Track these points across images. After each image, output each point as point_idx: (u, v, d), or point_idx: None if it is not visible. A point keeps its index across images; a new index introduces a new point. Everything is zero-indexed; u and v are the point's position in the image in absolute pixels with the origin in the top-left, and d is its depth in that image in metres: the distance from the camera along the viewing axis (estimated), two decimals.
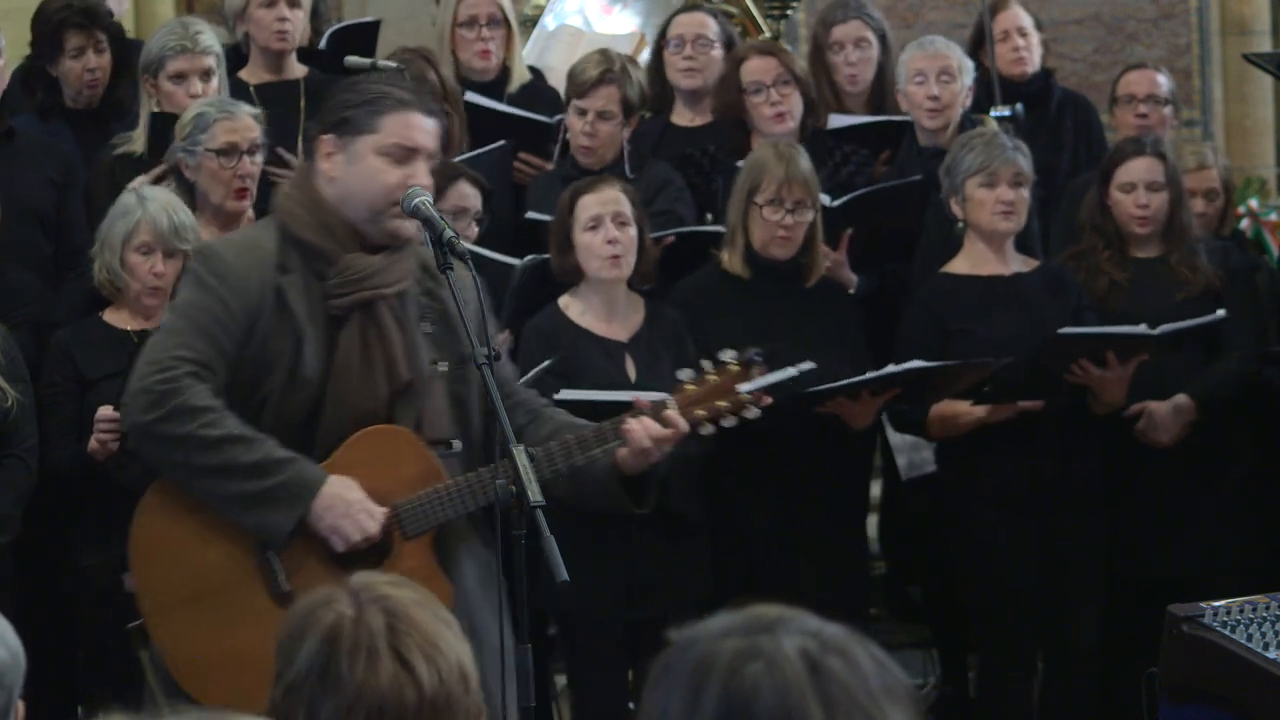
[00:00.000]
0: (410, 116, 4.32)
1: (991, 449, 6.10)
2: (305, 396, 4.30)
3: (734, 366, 4.43)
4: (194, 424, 4.23)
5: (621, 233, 5.73)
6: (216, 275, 4.32)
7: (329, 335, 4.31)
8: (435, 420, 4.37)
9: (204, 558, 4.33)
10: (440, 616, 2.55)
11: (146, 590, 4.39)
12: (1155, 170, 6.33)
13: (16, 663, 2.55)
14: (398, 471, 4.31)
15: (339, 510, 4.25)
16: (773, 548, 6.00)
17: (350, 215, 4.33)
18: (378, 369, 4.31)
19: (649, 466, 4.42)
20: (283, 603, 4.28)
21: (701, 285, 6.09)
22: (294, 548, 4.30)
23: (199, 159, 5.77)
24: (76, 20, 6.45)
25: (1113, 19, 10.28)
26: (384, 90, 4.35)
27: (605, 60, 6.45)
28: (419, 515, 4.31)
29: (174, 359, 4.26)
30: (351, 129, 4.32)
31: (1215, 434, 6.24)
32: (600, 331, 5.79)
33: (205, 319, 4.29)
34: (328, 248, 4.32)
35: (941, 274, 6.26)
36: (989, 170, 6.13)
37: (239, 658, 4.23)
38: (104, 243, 5.63)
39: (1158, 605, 4.73)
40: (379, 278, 4.31)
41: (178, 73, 6.14)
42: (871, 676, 1.99)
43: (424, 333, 4.38)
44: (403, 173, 4.30)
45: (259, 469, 4.23)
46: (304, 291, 4.31)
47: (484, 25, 6.92)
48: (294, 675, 2.50)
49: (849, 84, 7.09)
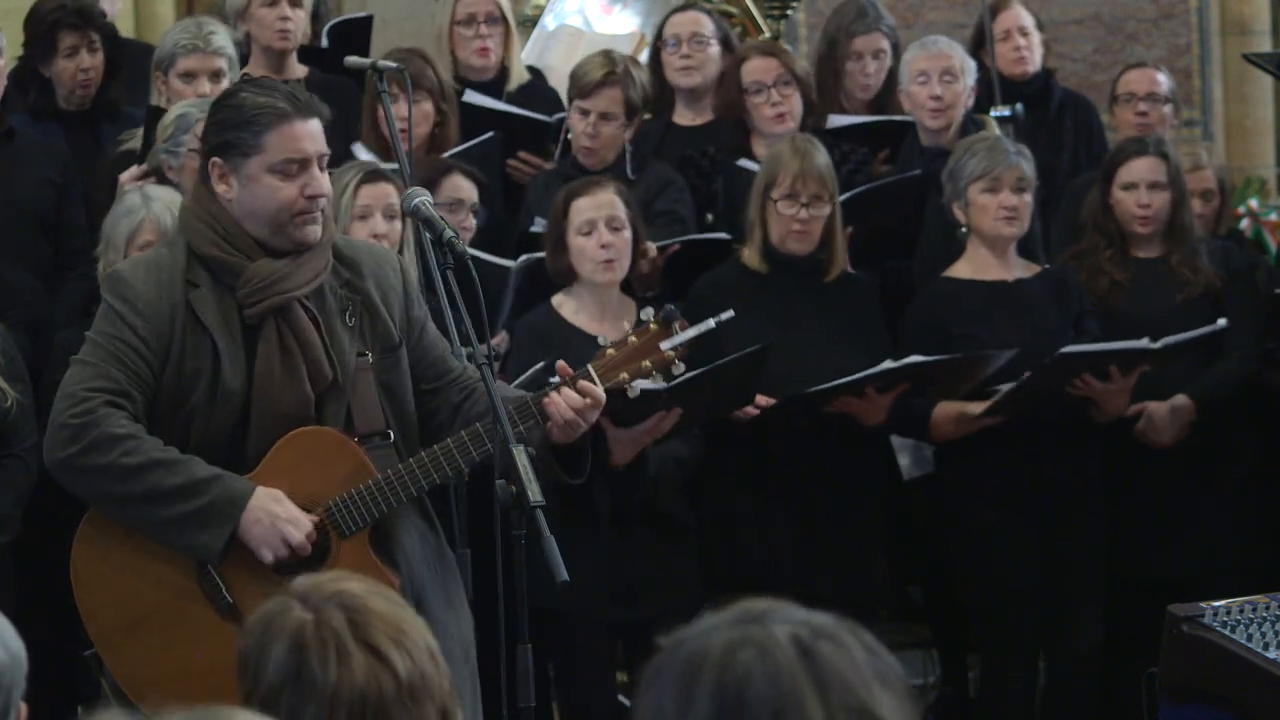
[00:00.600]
0: (293, 127, 4.27)
1: (992, 449, 6.10)
2: (230, 408, 4.28)
3: (653, 325, 4.40)
4: (114, 453, 4.21)
5: (615, 237, 5.74)
6: (125, 301, 4.29)
7: (247, 345, 4.29)
8: (365, 414, 4.35)
9: (144, 581, 4.32)
10: (394, 600, 2.58)
11: (91, 618, 4.36)
12: (1158, 170, 6.33)
13: (16, 664, 2.55)
14: (327, 472, 4.29)
15: (264, 524, 4.23)
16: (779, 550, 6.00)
17: (253, 230, 4.31)
18: (300, 371, 4.28)
19: (580, 437, 4.38)
20: (228, 616, 4.28)
21: (720, 280, 6.11)
22: (233, 560, 4.28)
23: (181, 160, 5.77)
24: (70, 20, 6.45)
25: (1113, 19, 10.27)
26: (260, 104, 4.28)
27: (609, 62, 6.44)
28: (352, 513, 4.30)
29: (88, 390, 4.24)
30: (238, 151, 4.28)
31: (1215, 434, 6.24)
32: (593, 330, 5.79)
33: (117, 347, 4.26)
34: (232, 260, 4.29)
35: (943, 278, 6.26)
36: (992, 176, 6.13)
37: (192, 674, 4.23)
38: (108, 241, 5.62)
39: (1158, 605, 4.72)
40: (288, 281, 4.28)
41: (187, 71, 6.13)
42: (863, 661, 1.99)
43: (346, 326, 4.35)
44: (298, 185, 4.27)
45: (184, 491, 4.21)
46: (216, 305, 4.29)
47: (482, 23, 6.91)
48: (267, 687, 2.51)
49: (861, 91, 7.09)
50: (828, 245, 6.09)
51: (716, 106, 6.81)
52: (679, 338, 4.41)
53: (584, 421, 4.34)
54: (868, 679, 1.98)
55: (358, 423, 4.35)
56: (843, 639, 2.00)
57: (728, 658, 1.97)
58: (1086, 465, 6.17)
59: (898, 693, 2.00)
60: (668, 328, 4.41)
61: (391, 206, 5.49)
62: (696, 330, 4.43)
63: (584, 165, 6.39)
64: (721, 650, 1.98)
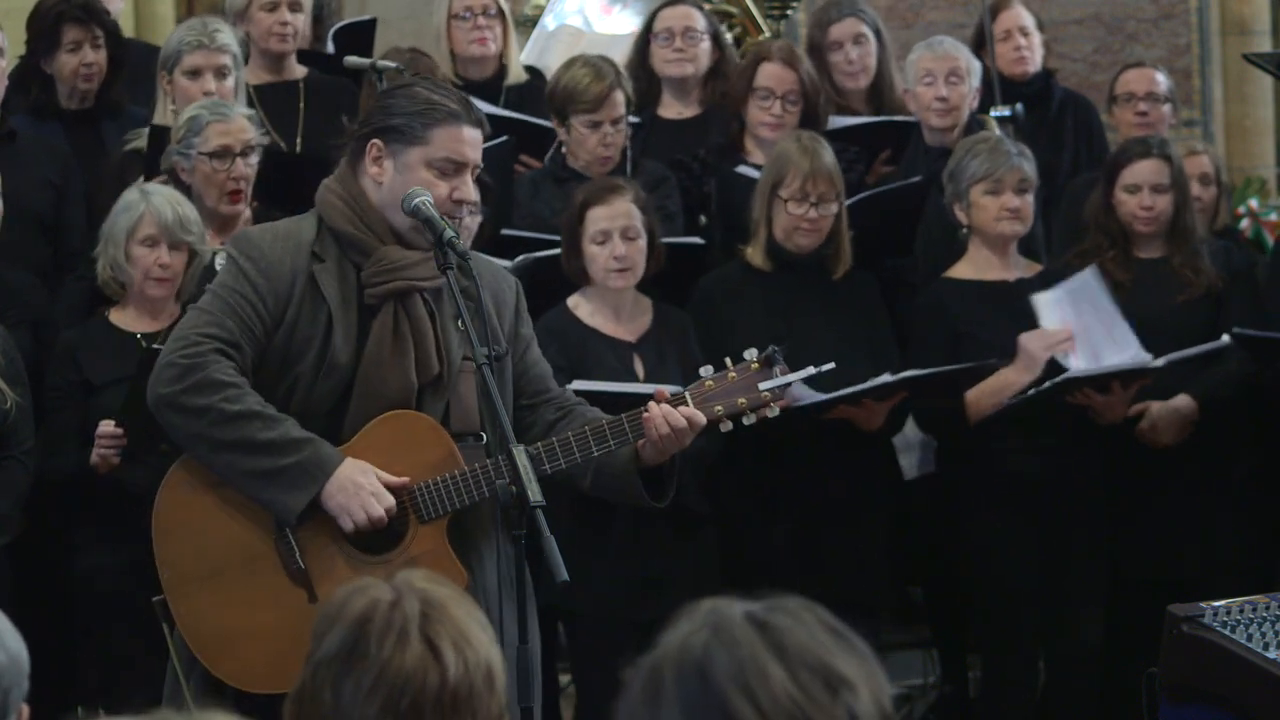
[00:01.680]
0: (461, 130, 4.36)
1: (993, 449, 6.10)
2: (335, 383, 4.34)
3: (755, 364, 4.40)
4: (216, 397, 4.27)
5: (630, 247, 5.75)
6: (250, 259, 4.36)
7: (362, 323, 4.35)
8: (463, 414, 4.40)
9: (223, 534, 4.38)
10: (475, 617, 2.56)
11: (167, 564, 4.42)
12: (1161, 172, 6.33)
13: (15, 665, 2.55)
14: (415, 456, 4.33)
15: (349, 491, 4.27)
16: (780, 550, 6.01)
17: (391, 218, 4.38)
18: (408, 359, 4.34)
19: (667, 460, 4.40)
20: (297, 580, 4.33)
21: (725, 278, 6.11)
22: (312, 527, 4.34)
23: (193, 162, 5.78)
24: (75, 14, 6.45)
25: (1113, 19, 10.27)
26: (435, 100, 4.37)
27: (600, 70, 6.40)
28: (434, 499, 4.33)
29: (201, 335, 4.32)
30: (402, 138, 4.35)
31: (1216, 434, 6.24)
32: (608, 332, 5.82)
33: (236, 300, 4.33)
34: (364, 239, 4.37)
35: (945, 279, 6.27)
36: (994, 177, 6.14)
37: (253, 632, 4.30)
38: (108, 238, 5.62)
39: (1158, 605, 4.72)
40: (415, 270, 4.34)
41: (193, 68, 6.13)
42: (819, 629, 2.00)
43: (458, 329, 4.39)
44: (450, 185, 4.35)
45: (276, 447, 4.26)
46: (338, 279, 4.36)
47: (479, 15, 6.92)
48: (323, 654, 2.51)
49: (850, 80, 7.10)
50: (833, 243, 6.09)
51: (720, 95, 6.82)
52: (779, 380, 4.40)
53: (680, 442, 4.36)
54: (825, 641, 1.99)
55: (454, 421, 4.39)
56: (798, 613, 2.02)
57: (684, 647, 1.99)
58: (1087, 465, 6.17)
59: (860, 655, 2.00)
60: (769, 369, 4.41)
61: None
62: (797, 375, 4.44)
63: (579, 170, 6.36)
64: (679, 646, 1.99)
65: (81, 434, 5.54)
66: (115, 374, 5.50)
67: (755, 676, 1.95)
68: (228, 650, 4.35)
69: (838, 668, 1.97)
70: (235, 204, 5.80)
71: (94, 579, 5.49)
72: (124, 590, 5.18)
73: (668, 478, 4.45)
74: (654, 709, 1.97)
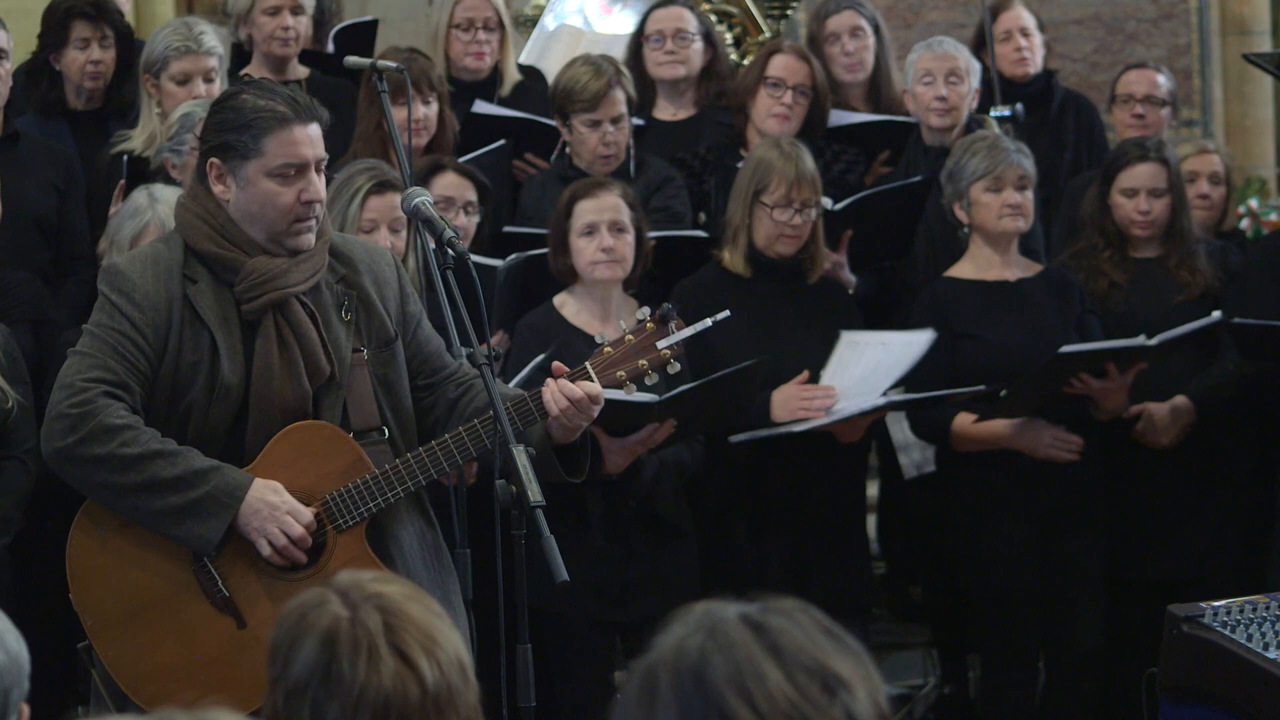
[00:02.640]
0: (292, 132, 4.28)
1: (992, 450, 6.10)
2: (229, 403, 4.29)
3: (650, 324, 4.40)
4: (113, 443, 4.21)
5: (618, 240, 5.73)
6: (123, 293, 4.29)
7: (245, 340, 4.30)
8: (361, 409, 4.36)
9: (139, 573, 4.32)
10: (432, 609, 2.57)
11: (86, 611, 4.36)
12: (1159, 177, 6.33)
13: (16, 664, 2.54)
14: (323, 466, 4.30)
15: (264, 514, 4.24)
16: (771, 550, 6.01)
17: (251, 233, 4.33)
18: (298, 367, 4.29)
19: (579, 435, 4.38)
20: (223, 608, 4.29)
21: (701, 284, 6.10)
22: (229, 553, 4.30)
23: (184, 159, 5.78)
24: (86, 11, 6.46)
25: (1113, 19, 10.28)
26: (261, 108, 4.29)
27: (599, 68, 6.41)
28: (348, 507, 4.31)
29: (86, 381, 4.25)
30: (236, 153, 4.29)
31: (1215, 435, 6.24)
32: (594, 331, 5.79)
33: (114, 339, 4.27)
34: (230, 255, 4.31)
35: (945, 278, 6.26)
36: (994, 174, 6.13)
37: (187, 666, 4.25)
38: (113, 242, 5.62)
39: (1158, 605, 4.72)
40: (287, 277, 4.29)
41: (181, 74, 6.14)
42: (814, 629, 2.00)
43: (342, 321, 4.36)
44: (295, 190, 4.28)
45: (182, 481, 4.21)
46: (214, 299, 4.30)
47: (480, 28, 6.92)
48: (294, 679, 2.51)
49: (848, 73, 7.12)
50: (809, 248, 6.09)
51: (710, 98, 6.82)
52: (675, 336, 4.41)
53: (582, 416, 4.33)
54: (821, 642, 1.99)
55: (353, 418, 4.36)
56: (793, 614, 2.01)
57: (679, 650, 1.98)
58: (1087, 466, 6.17)
59: (855, 655, 2.00)
60: (664, 326, 4.41)
61: (398, 220, 5.51)
62: (692, 329, 4.43)
63: (583, 168, 6.37)
64: (674, 649, 1.99)
65: None
66: None
67: (752, 678, 1.95)
68: (161, 688, 4.29)
69: (834, 668, 1.97)
70: None
71: None
72: None
73: (581, 453, 4.43)
74: (650, 713, 1.97)
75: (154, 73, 6.17)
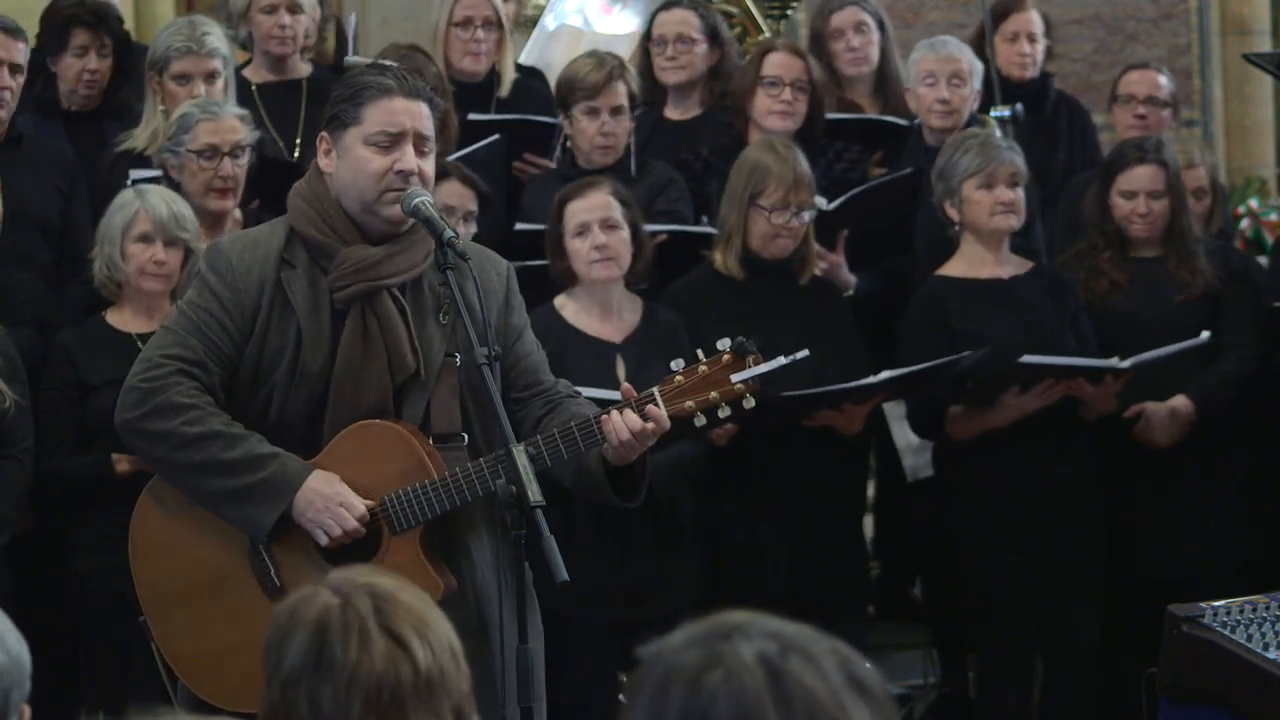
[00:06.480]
0: (392, 102, 4.30)
1: (991, 450, 6.10)
2: (309, 391, 4.30)
3: (726, 356, 4.32)
4: (176, 421, 4.24)
5: (611, 236, 5.72)
6: (216, 273, 4.32)
7: (334, 329, 4.31)
8: (444, 414, 4.34)
9: (198, 553, 4.35)
10: (425, 600, 2.57)
11: (144, 584, 4.41)
12: (1158, 178, 6.32)
13: (17, 665, 2.54)
14: (384, 466, 4.29)
15: (319, 505, 4.25)
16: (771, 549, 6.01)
17: (348, 208, 4.34)
18: (380, 362, 4.29)
19: (636, 460, 4.33)
20: (275, 597, 4.27)
21: (694, 286, 6.09)
22: (285, 543, 4.31)
23: (182, 159, 5.79)
24: (86, 19, 6.45)
25: (1113, 19, 10.29)
26: (366, 80, 4.34)
27: (603, 60, 6.44)
28: (405, 510, 4.29)
29: (164, 357, 4.29)
30: (340, 123, 4.33)
31: (1214, 435, 6.24)
32: (594, 332, 5.79)
33: (202, 317, 4.29)
34: (328, 241, 4.32)
35: (937, 277, 6.25)
36: (986, 171, 6.13)
37: (233, 651, 4.25)
38: (104, 238, 5.62)
39: (1158, 605, 4.72)
40: (380, 268, 4.29)
41: (182, 73, 6.14)
42: (834, 674, 1.98)
43: (439, 324, 4.35)
44: (390, 158, 4.29)
45: (240, 465, 4.23)
46: (308, 286, 4.31)
47: (479, 27, 6.92)
48: (288, 670, 2.51)
49: (852, 67, 7.12)
50: (801, 249, 6.08)
51: (716, 98, 6.82)
52: (752, 371, 4.31)
53: (641, 445, 4.28)
54: (837, 692, 1.97)
55: (435, 422, 4.34)
56: (812, 652, 1.98)
57: (696, 679, 1.96)
58: (1086, 466, 6.17)
59: (872, 701, 1.98)
60: (741, 360, 4.32)
61: None
62: (770, 366, 4.32)
63: (597, 164, 6.37)
64: (691, 670, 1.97)
65: (76, 435, 5.55)
66: (111, 374, 5.47)
67: None
68: (207, 670, 4.33)
69: None
70: (224, 200, 5.80)
71: (94, 579, 5.48)
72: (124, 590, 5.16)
73: (639, 478, 4.39)
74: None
75: (158, 70, 6.17)
